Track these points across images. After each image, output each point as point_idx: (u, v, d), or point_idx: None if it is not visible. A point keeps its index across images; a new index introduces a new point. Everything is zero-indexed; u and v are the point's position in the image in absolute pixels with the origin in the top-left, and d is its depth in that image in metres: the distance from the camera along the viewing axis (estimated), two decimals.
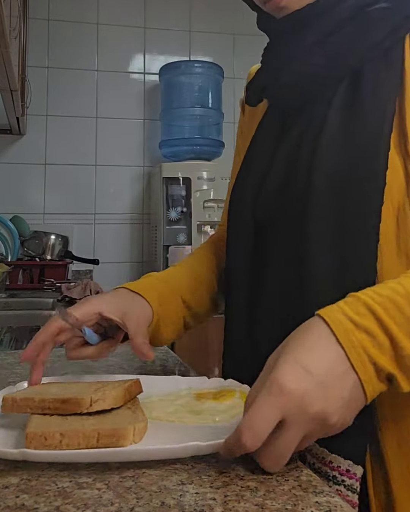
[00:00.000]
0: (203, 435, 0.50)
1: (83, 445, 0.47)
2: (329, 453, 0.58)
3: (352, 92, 0.65)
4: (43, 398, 0.53)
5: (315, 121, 0.67)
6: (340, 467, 0.58)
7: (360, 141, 0.62)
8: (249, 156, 0.79)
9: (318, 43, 0.66)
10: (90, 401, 0.53)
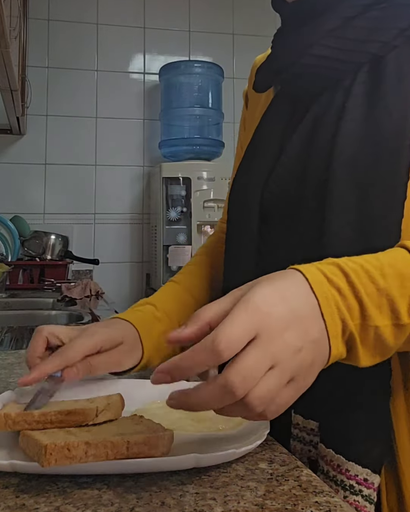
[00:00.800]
0: (205, 445, 0.50)
1: (111, 455, 0.44)
2: (346, 460, 0.56)
3: (375, 79, 0.63)
4: (44, 412, 0.50)
5: (333, 107, 0.65)
6: (357, 476, 0.55)
7: (384, 130, 0.60)
8: (254, 143, 0.76)
9: (341, 27, 0.64)
10: (96, 412, 0.51)
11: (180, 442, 0.49)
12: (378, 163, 0.59)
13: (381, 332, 0.46)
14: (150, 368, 0.73)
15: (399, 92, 0.60)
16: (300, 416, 0.63)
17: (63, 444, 0.43)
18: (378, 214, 0.57)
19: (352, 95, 0.63)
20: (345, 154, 0.60)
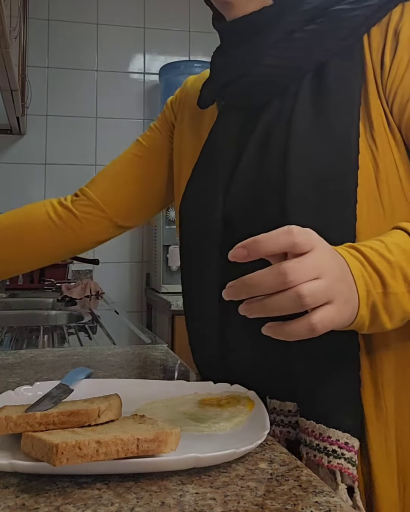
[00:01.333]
0: (205, 445, 0.50)
1: (122, 453, 0.44)
2: (327, 428, 0.61)
3: (319, 85, 0.68)
4: (46, 414, 0.50)
5: (283, 112, 0.70)
6: (339, 441, 0.60)
7: (333, 130, 0.65)
8: (205, 157, 0.78)
9: (284, 40, 0.70)
10: (98, 412, 0.50)
11: (181, 442, 0.49)
12: (332, 159, 0.64)
13: (400, 299, 0.52)
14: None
15: (343, 95, 0.66)
16: (276, 400, 0.67)
17: (74, 443, 0.43)
18: (336, 205, 0.62)
19: (299, 99, 0.69)
20: (298, 153, 0.65)
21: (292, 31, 0.69)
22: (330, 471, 0.60)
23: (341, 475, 0.60)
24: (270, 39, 0.70)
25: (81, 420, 0.50)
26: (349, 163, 0.64)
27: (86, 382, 0.69)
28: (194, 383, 0.70)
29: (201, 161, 0.79)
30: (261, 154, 0.70)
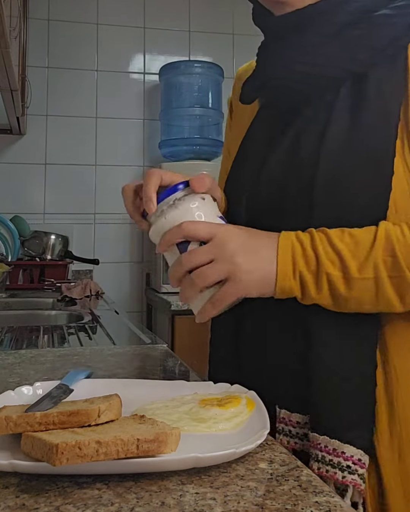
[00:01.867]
0: (205, 445, 0.50)
1: (122, 453, 0.44)
2: (341, 443, 0.61)
3: (356, 96, 0.65)
4: (46, 414, 0.50)
5: (317, 121, 0.67)
6: (353, 457, 0.60)
7: (367, 146, 0.63)
8: (241, 154, 0.79)
9: (320, 45, 0.66)
10: (98, 412, 0.50)
11: (181, 442, 0.49)
12: (361, 177, 0.62)
13: (333, 280, 0.59)
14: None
15: (380, 108, 0.63)
16: (286, 410, 0.67)
17: (74, 443, 0.43)
18: (361, 223, 0.62)
19: (335, 110, 0.66)
20: (327, 167, 0.64)
21: (330, 35, 0.66)
22: (336, 487, 0.60)
23: (353, 491, 0.60)
24: (308, 41, 0.67)
25: (81, 420, 0.50)
26: (379, 184, 0.61)
27: (86, 382, 0.69)
28: (194, 383, 0.70)
29: (238, 158, 0.80)
30: (288, 160, 0.69)
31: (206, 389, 0.66)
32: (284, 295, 0.62)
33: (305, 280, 0.60)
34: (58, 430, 0.49)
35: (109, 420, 0.51)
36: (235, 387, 0.65)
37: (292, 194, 0.67)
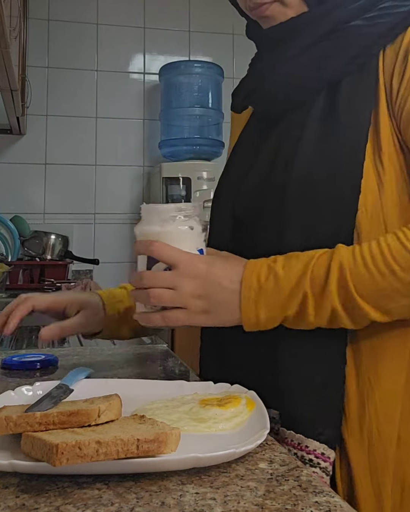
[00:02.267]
0: (205, 445, 0.50)
1: (122, 453, 0.44)
2: (305, 438, 0.64)
3: (329, 104, 0.69)
4: (46, 414, 0.49)
5: (294, 129, 0.71)
6: (315, 451, 0.63)
7: (337, 152, 0.66)
8: (230, 161, 0.83)
9: (297, 55, 0.70)
10: (98, 412, 0.50)
11: (181, 442, 0.49)
12: (332, 181, 0.65)
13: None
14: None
15: (351, 114, 0.66)
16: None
17: (74, 443, 0.43)
18: (330, 228, 0.64)
19: (310, 117, 0.69)
20: (300, 173, 0.67)
21: (307, 46, 0.69)
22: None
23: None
24: (287, 52, 0.71)
25: (81, 420, 0.50)
26: (349, 187, 0.64)
27: (86, 382, 0.69)
28: (194, 383, 0.70)
29: (227, 164, 0.84)
30: (269, 166, 0.72)
31: (206, 389, 0.66)
32: (250, 324, 0.64)
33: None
34: (58, 430, 0.49)
35: (109, 420, 0.51)
36: (235, 387, 0.65)
37: (269, 201, 0.70)
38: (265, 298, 0.61)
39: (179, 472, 0.47)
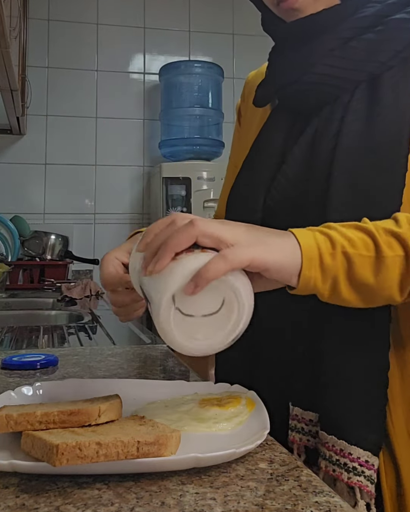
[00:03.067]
0: (205, 445, 0.50)
1: (122, 455, 0.44)
2: (348, 444, 0.61)
3: (370, 98, 0.67)
4: (46, 412, 0.49)
5: (333, 121, 0.69)
6: (359, 459, 0.60)
7: (382, 144, 0.64)
8: (253, 155, 0.80)
9: (340, 48, 0.69)
10: (99, 412, 0.50)
11: (181, 442, 0.49)
12: (376, 173, 0.63)
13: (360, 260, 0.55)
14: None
15: (395, 109, 0.65)
16: (299, 408, 0.67)
17: (75, 444, 0.43)
18: (374, 220, 0.61)
19: (350, 110, 0.68)
20: (344, 165, 0.65)
21: (348, 38, 0.68)
22: (348, 487, 0.60)
23: (360, 492, 0.60)
24: (325, 45, 0.69)
25: (82, 419, 0.50)
26: (394, 180, 0.63)
27: (86, 382, 0.69)
28: (194, 383, 0.70)
29: (249, 158, 0.80)
30: (306, 160, 0.70)
31: (206, 389, 0.66)
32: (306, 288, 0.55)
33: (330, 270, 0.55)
34: (59, 429, 0.49)
35: (109, 420, 0.51)
36: (235, 387, 0.65)
37: (309, 194, 0.68)
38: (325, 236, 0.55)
39: (179, 472, 0.47)
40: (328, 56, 0.69)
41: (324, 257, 0.53)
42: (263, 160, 0.77)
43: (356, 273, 0.54)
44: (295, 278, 0.54)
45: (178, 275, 0.50)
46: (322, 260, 0.54)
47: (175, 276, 0.50)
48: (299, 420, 0.67)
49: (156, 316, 0.50)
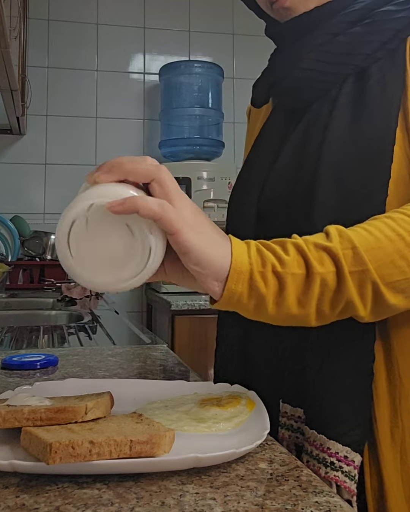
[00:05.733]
0: (205, 445, 0.50)
1: (115, 454, 0.45)
2: (327, 439, 0.60)
3: (358, 90, 0.68)
4: (34, 409, 0.50)
5: (321, 116, 0.70)
6: (337, 454, 0.60)
7: (367, 137, 0.64)
8: (252, 154, 0.81)
9: (328, 43, 0.69)
10: (85, 409, 0.51)
11: (181, 442, 0.49)
12: (362, 166, 0.63)
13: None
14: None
15: (382, 101, 0.65)
16: (288, 405, 0.67)
17: (68, 443, 0.43)
18: (360, 213, 0.61)
19: (338, 105, 0.68)
20: (330, 159, 0.65)
21: (337, 33, 0.69)
22: (327, 482, 0.59)
23: (337, 488, 0.59)
24: (314, 41, 0.70)
25: (68, 417, 0.50)
26: (380, 172, 0.62)
27: (86, 382, 0.69)
28: (194, 383, 0.70)
29: (249, 158, 0.81)
30: (296, 157, 0.71)
31: (206, 389, 0.66)
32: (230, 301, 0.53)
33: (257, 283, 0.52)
34: (56, 426, 0.49)
35: (96, 417, 0.52)
36: (235, 387, 0.65)
37: (299, 188, 0.68)
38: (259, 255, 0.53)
39: (179, 472, 0.47)
40: (316, 51, 0.69)
41: (254, 275, 0.51)
42: (260, 159, 0.78)
43: (286, 294, 0.52)
44: (217, 286, 0.51)
45: (112, 190, 0.49)
46: (251, 276, 0.51)
47: (109, 189, 0.49)
48: (288, 417, 0.67)
49: (62, 218, 0.49)
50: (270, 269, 0.52)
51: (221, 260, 0.51)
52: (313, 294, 0.52)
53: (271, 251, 0.53)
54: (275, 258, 0.52)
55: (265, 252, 0.53)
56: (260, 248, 0.53)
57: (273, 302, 0.52)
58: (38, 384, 0.66)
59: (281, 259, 0.52)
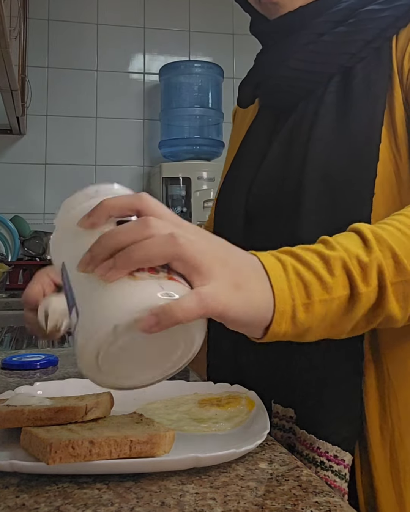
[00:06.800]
0: (205, 445, 0.50)
1: (115, 454, 0.44)
2: (316, 439, 0.60)
3: (343, 90, 0.68)
4: (34, 409, 0.50)
5: (307, 115, 0.70)
6: (327, 453, 0.60)
7: (353, 135, 0.64)
8: (239, 154, 0.81)
9: (310, 42, 0.69)
10: (85, 409, 0.51)
11: (180, 442, 0.49)
12: (348, 164, 0.63)
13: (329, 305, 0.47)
14: None
15: (367, 99, 0.65)
16: (279, 405, 0.68)
17: (68, 442, 0.43)
18: (348, 211, 0.61)
19: (323, 104, 0.68)
20: (317, 158, 0.65)
21: (322, 33, 0.69)
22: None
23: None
24: (300, 40, 0.70)
25: (68, 417, 0.50)
26: (365, 170, 0.62)
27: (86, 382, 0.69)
28: (194, 383, 0.70)
29: (236, 158, 0.81)
30: (283, 156, 0.71)
31: (205, 389, 0.66)
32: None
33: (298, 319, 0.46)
34: (56, 426, 0.49)
35: (96, 417, 0.52)
36: (235, 387, 0.65)
37: (286, 187, 0.68)
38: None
39: (179, 472, 0.47)
40: (301, 51, 0.69)
41: (298, 311, 0.45)
42: (247, 160, 0.78)
43: (328, 317, 0.47)
44: (261, 331, 0.46)
45: (137, 295, 0.39)
46: (294, 313, 0.45)
47: (127, 302, 0.39)
48: (280, 418, 0.68)
49: (82, 347, 0.42)
50: (316, 300, 0.46)
51: (266, 312, 0.44)
52: (355, 315, 0.48)
53: (313, 271, 0.46)
54: (319, 284, 0.46)
55: (306, 278, 0.46)
56: (298, 271, 0.46)
57: (316, 326, 0.48)
58: (38, 384, 0.66)
59: (326, 285, 0.46)
